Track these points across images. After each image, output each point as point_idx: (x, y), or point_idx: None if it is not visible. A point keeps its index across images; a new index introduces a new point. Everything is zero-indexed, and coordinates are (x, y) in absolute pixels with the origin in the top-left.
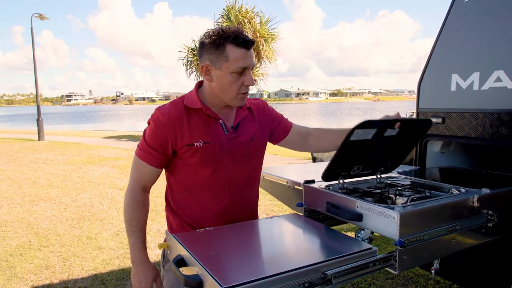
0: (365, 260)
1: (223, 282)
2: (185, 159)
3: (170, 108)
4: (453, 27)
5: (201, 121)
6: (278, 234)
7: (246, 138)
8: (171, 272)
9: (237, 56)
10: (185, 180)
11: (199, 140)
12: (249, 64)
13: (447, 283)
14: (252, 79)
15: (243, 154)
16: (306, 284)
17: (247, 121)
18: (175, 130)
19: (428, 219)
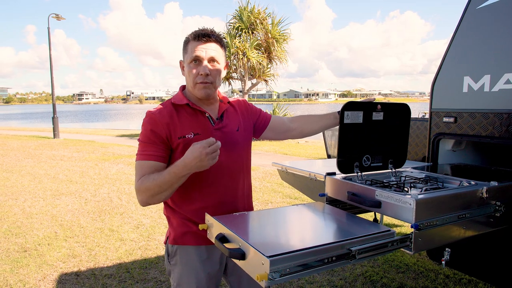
0: (384, 240)
1: (266, 252)
2: (179, 153)
3: (161, 108)
4: (465, 32)
5: (189, 115)
6: (305, 218)
7: (233, 128)
8: (177, 266)
9: (192, 48)
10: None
11: (190, 132)
12: (201, 54)
13: (457, 278)
14: (204, 69)
15: (232, 143)
16: (334, 257)
17: (230, 113)
18: (168, 124)
19: (441, 207)
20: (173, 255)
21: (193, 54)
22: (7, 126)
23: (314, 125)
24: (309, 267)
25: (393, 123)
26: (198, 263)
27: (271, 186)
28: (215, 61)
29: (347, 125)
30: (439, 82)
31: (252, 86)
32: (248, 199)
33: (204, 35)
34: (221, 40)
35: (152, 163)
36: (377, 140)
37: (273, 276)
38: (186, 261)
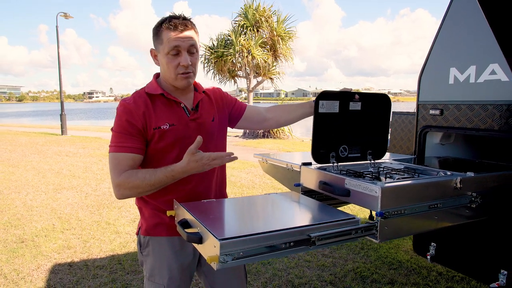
0: (347, 227)
1: (218, 235)
2: (153, 143)
3: (135, 98)
4: (452, 23)
5: (164, 105)
6: (272, 206)
7: (207, 118)
8: (149, 257)
9: (169, 37)
10: (155, 165)
11: (165, 122)
12: (181, 44)
13: (449, 275)
14: (186, 59)
15: (207, 134)
16: (291, 243)
17: (205, 103)
18: (144, 114)
19: (409, 196)
20: (145, 246)
21: (172, 44)
22: (18, 123)
23: (290, 115)
24: (265, 252)
25: (372, 114)
26: (170, 254)
27: (271, 183)
28: (194, 50)
29: (321, 114)
30: (425, 74)
31: (257, 84)
32: (221, 190)
33: (181, 24)
34: (194, 25)
35: (130, 155)
36: (354, 130)
37: (224, 259)
38: (159, 252)
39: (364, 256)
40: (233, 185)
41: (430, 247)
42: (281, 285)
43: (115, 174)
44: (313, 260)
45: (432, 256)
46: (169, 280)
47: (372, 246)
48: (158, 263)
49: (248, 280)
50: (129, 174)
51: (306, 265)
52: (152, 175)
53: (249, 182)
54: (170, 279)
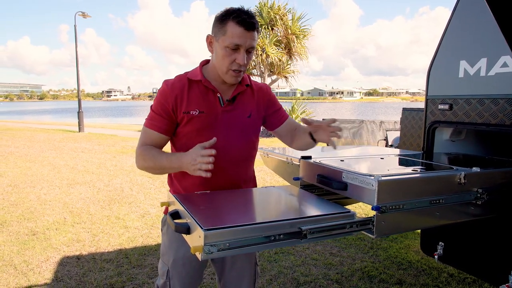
0: (341, 221)
1: (204, 225)
2: (181, 127)
3: (175, 80)
4: (462, 14)
5: (200, 92)
6: (267, 198)
7: (243, 113)
8: (164, 236)
9: (234, 32)
10: (182, 149)
11: (195, 109)
12: (243, 43)
13: (461, 277)
14: (243, 58)
15: (239, 129)
16: (281, 235)
17: (246, 97)
18: (176, 97)
19: (408, 190)
20: (163, 224)
21: (234, 40)
22: (38, 121)
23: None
24: (253, 244)
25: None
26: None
27: (282, 181)
28: (252, 50)
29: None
30: (435, 68)
31: (272, 82)
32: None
33: (249, 23)
34: (259, 26)
35: (155, 134)
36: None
37: (209, 249)
38: (171, 232)
39: (373, 255)
40: None
41: (438, 247)
42: (286, 282)
43: (139, 144)
44: (320, 258)
45: (440, 256)
46: (173, 262)
47: (381, 245)
48: (167, 243)
49: None
50: (146, 148)
51: (312, 263)
52: (159, 156)
53: (260, 179)
54: (174, 261)
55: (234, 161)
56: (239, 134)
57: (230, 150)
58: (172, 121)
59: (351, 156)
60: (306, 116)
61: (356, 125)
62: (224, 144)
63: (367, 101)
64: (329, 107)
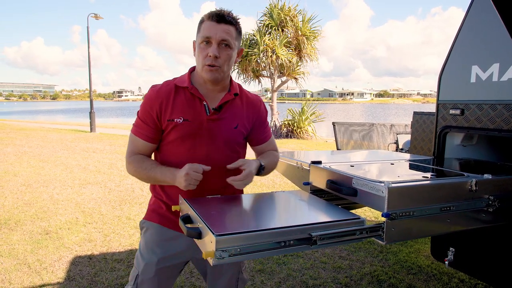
0: (351, 227)
1: (215, 231)
2: (166, 134)
3: (162, 85)
4: (474, 19)
5: (186, 99)
6: (278, 204)
7: (229, 123)
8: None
9: (205, 27)
10: (166, 156)
11: (179, 116)
12: (213, 35)
13: (472, 283)
14: (214, 50)
15: (224, 139)
16: (291, 241)
17: (234, 107)
18: (161, 104)
19: (419, 197)
20: (141, 227)
21: (204, 34)
22: (51, 121)
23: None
24: (263, 249)
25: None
26: (157, 242)
27: (291, 184)
28: (227, 45)
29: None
30: (446, 73)
31: (282, 83)
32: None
33: (218, 16)
34: (236, 23)
35: (143, 142)
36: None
37: (221, 255)
38: (148, 236)
39: (383, 259)
40: (253, 184)
41: (449, 252)
42: (295, 285)
43: (128, 152)
44: (329, 261)
45: (450, 262)
46: (145, 267)
47: (391, 249)
48: (143, 247)
49: (262, 279)
50: (139, 159)
51: (321, 267)
52: (152, 170)
53: (270, 182)
54: (146, 266)
55: (217, 171)
56: (223, 145)
57: (213, 160)
58: (158, 129)
59: (361, 161)
60: (315, 118)
61: (366, 128)
62: (208, 153)
63: (378, 102)
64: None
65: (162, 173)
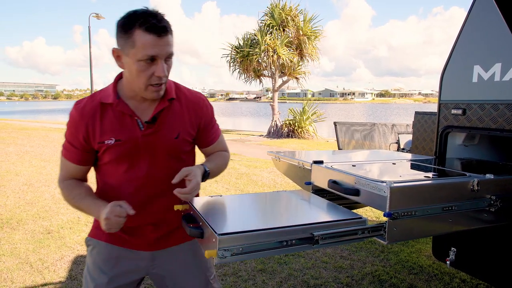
0: (353, 227)
1: (217, 230)
2: (101, 155)
3: (86, 103)
4: (476, 19)
5: (115, 117)
6: (280, 203)
7: (169, 134)
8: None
9: (145, 42)
10: (104, 176)
11: (110, 137)
12: (159, 53)
13: (474, 283)
14: (163, 70)
15: (165, 153)
16: (293, 241)
17: (171, 114)
18: (87, 126)
19: (420, 196)
20: (87, 245)
21: (148, 52)
22: (52, 120)
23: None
24: (265, 249)
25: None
26: (105, 260)
27: (292, 183)
28: (170, 57)
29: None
30: (448, 72)
31: (283, 83)
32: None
33: (158, 28)
34: (171, 26)
35: (73, 165)
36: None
37: (223, 254)
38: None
39: (384, 259)
40: (254, 184)
41: (450, 252)
42: (296, 285)
43: (60, 175)
44: (330, 261)
45: (452, 262)
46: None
47: (392, 249)
48: (91, 267)
49: (263, 279)
50: (69, 185)
51: (323, 266)
52: (80, 202)
53: (271, 181)
54: (97, 286)
55: (161, 190)
56: (166, 159)
57: (155, 177)
58: (88, 151)
59: (363, 161)
60: (316, 118)
61: (367, 128)
62: (148, 172)
63: (379, 102)
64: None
65: (88, 207)
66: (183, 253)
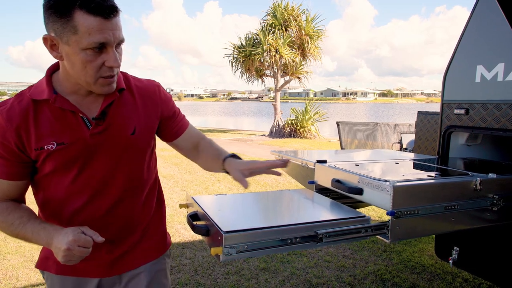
0: (356, 225)
1: (223, 228)
2: (40, 165)
3: (13, 104)
4: (479, 19)
5: (53, 116)
6: (284, 202)
7: (123, 129)
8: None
9: (89, 27)
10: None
11: (50, 141)
12: (109, 39)
13: (476, 282)
14: (116, 59)
15: (120, 152)
16: (298, 239)
17: (122, 107)
18: (19, 130)
19: (424, 195)
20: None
21: (95, 38)
22: None
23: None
24: (270, 246)
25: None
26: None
27: (295, 183)
28: (121, 44)
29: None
30: (451, 72)
31: (285, 83)
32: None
33: (109, 9)
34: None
35: (4, 182)
36: None
37: (228, 251)
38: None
39: (386, 258)
40: (256, 184)
41: (453, 251)
42: (299, 284)
43: None
44: (333, 260)
45: (455, 261)
46: None
47: (395, 249)
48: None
49: (266, 278)
50: (3, 209)
51: (325, 265)
52: (20, 227)
53: (273, 182)
54: None
55: (120, 198)
56: (124, 160)
57: (114, 185)
58: (24, 161)
59: (366, 160)
60: (318, 117)
61: (370, 128)
62: (104, 178)
63: (381, 102)
64: (342, 108)
65: (34, 234)
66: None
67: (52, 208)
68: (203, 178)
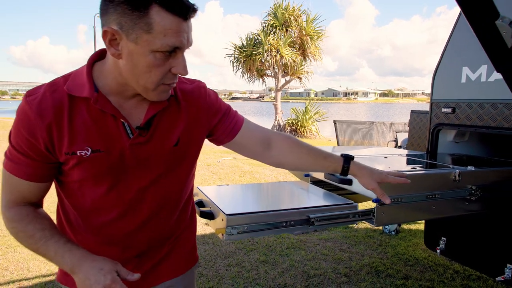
0: (345, 211)
1: (226, 211)
2: (69, 170)
3: (45, 94)
4: (466, 21)
5: (91, 117)
6: (281, 192)
7: (166, 141)
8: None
9: (167, 27)
10: (74, 197)
11: (85, 147)
12: (183, 42)
13: (466, 273)
14: (185, 66)
15: (161, 166)
16: (291, 222)
17: (168, 116)
18: (50, 129)
19: (407, 185)
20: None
21: (171, 41)
22: None
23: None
24: (268, 228)
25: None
26: None
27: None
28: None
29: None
30: (439, 73)
31: (286, 83)
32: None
33: (188, 10)
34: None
35: (25, 183)
36: None
37: (230, 231)
38: None
39: (381, 252)
40: (257, 182)
41: (440, 242)
42: (297, 275)
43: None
44: (330, 253)
45: (442, 250)
46: None
47: (390, 243)
48: None
49: (265, 269)
50: (23, 216)
51: (322, 258)
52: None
53: (273, 179)
54: None
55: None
56: (162, 173)
57: (148, 202)
58: (51, 161)
59: (358, 155)
60: (319, 117)
61: (366, 126)
62: (138, 194)
63: (382, 102)
64: (343, 108)
65: (58, 253)
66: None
67: (77, 217)
68: (205, 176)
